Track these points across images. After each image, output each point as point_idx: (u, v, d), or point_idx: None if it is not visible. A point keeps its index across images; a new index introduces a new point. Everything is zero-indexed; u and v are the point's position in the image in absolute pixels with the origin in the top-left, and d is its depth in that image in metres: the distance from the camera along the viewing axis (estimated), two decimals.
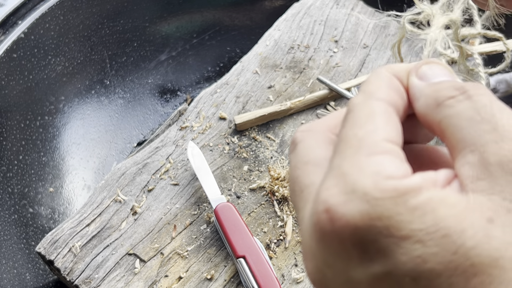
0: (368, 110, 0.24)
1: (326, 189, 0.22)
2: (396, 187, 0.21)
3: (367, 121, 0.24)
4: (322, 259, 0.23)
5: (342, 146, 0.23)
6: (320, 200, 0.22)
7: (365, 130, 0.23)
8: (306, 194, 0.25)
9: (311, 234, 0.23)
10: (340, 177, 0.22)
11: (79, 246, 0.59)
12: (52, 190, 0.74)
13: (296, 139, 0.27)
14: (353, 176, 0.22)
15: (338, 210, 0.21)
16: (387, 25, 0.82)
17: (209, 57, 0.93)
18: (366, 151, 0.23)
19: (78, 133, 0.80)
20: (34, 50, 0.75)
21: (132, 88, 0.87)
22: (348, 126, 0.24)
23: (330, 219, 0.21)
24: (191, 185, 0.65)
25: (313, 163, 0.25)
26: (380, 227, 0.21)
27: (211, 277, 0.58)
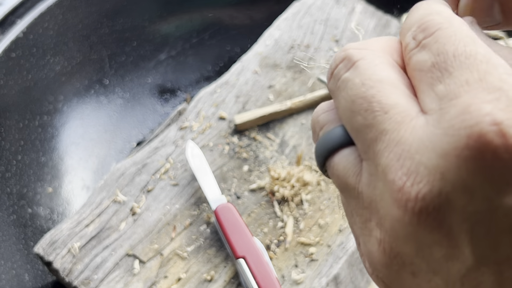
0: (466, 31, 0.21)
1: (488, 102, 0.19)
2: None
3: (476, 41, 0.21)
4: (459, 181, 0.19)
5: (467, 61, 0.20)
6: (482, 112, 0.18)
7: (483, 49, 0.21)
8: (396, 115, 0.21)
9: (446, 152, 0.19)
10: (498, 91, 0.19)
11: (78, 247, 0.59)
12: (51, 190, 0.73)
13: (353, 56, 0.24)
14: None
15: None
16: (388, 25, 0.82)
17: (209, 57, 0.92)
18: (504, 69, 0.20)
19: (77, 132, 0.80)
20: (33, 49, 0.74)
21: (132, 88, 0.87)
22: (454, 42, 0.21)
23: (501, 134, 0.18)
24: (191, 185, 0.64)
25: (389, 82, 0.22)
26: None
27: (211, 278, 0.58)
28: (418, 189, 0.19)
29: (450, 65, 0.20)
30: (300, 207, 0.63)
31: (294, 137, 0.69)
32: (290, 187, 0.63)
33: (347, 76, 0.24)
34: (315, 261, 0.59)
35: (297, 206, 0.63)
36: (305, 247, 0.60)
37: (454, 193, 0.19)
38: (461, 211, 0.19)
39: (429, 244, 0.20)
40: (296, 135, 0.69)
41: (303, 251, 0.60)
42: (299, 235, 0.61)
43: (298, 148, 0.68)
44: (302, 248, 0.60)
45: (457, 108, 0.19)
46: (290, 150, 0.68)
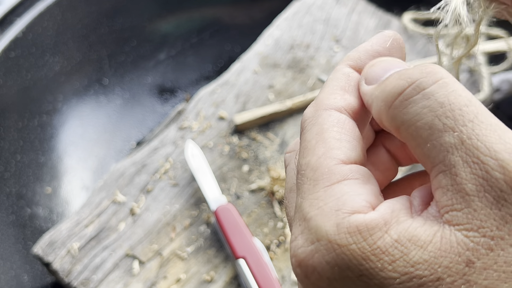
0: (317, 127, 0.22)
1: (295, 239, 0.21)
2: (359, 226, 0.19)
3: (318, 142, 0.21)
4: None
5: (300, 180, 0.22)
6: (292, 253, 0.21)
7: (317, 155, 0.21)
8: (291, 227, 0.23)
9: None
10: (303, 222, 0.21)
11: (77, 248, 0.58)
12: (50, 191, 0.73)
13: (285, 162, 0.26)
14: (314, 221, 0.20)
15: (309, 264, 0.20)
16: (389, 24, 0.82)
17: (208, 56, 0.92)
18: (323, 182, 0.21)
19: (76, 132, 0.79)
20: (32, 49, 0.74)
21: (131, 88, 0.86)
22: (301, 153, 0.22)
23: (304, 274, 0.20)
24: (191, 185, 0.64)
25: (293, 190, 0.24)
26: (352, 277, 0.19)
27: (211, 278, 0.57)
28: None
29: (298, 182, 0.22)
30: None
31: (294, 137, 0.69)
32: None
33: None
34: None
35: None
36: None
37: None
38: None
39: None
40: (296, 135, 0.69)
41: None
42: None
43: None
44: None
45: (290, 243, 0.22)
46: None
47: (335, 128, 0.22)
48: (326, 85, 0.24)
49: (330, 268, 0.19)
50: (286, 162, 0.26)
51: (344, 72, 0.24)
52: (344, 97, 0.23)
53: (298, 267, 0.20)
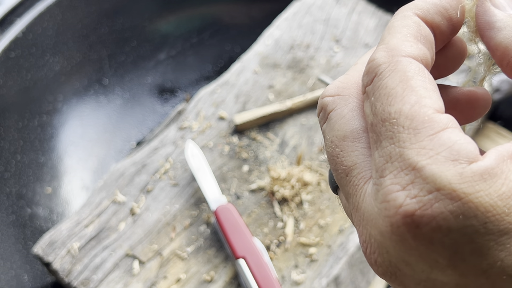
0: (400, 74, 0.21)
1: (401, 188, 0.19)
2: (483, 174, 0.19)
3: (405, 90, 0.21)
4: (399, 257, 0.20)
5: (390, 128, 0.20)
6: (395, 203, 0.19)
7: (409, 103, 0.20)
8: (354, 178, 0.22)
9: (382, 233, 0.20)
10: (412, 171, 0.19)
11: (77, 247, 0.58)
12: (50, 191, 0.73)
13: (327, 107, 0.24)
14: (430, 170, 0.19)
15: (425, 214, 0.19)
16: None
17: (208, 56, 0.92)
18: (426, 131, 0.20)
19: (76, 132, 0.80)
20: (32, 49, 0.74)
21: (131, 88, 0.86)
22: (384, 99, 0.21)
23: (414, 224, 0.19)
24: (191, 185, 0.64)
25: (352, 137, 0.22)
26: (477, 225, 0.18)
27: (211, 278, 0.57)
28: (375, 258, 0.22)
29: (380, 132, 0.21)
30: (300, 207, 0.62)
31: (294, 137, 0.69)
32: (290, 187, 0.63)
33: (323, 130, 0.24)
34: (315, 262, 0.59)
35: (297, 206, 0.63)
36: (305, 248, 0.60)
37: (399, 265, 0.21)
38: (411, 277, 0.21)
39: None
40: (296, 135, 0.69)
41: (303, 251, 0.59)
42: (299, 236, 0.60)
43: (298, 148, 0.68)
44: (302, 249, 0.60)
45: (382, 191, 0.20)
46: (290, 150, 0.68)
47: (419, 76, 0.21)
48: (395, 30, 0.23)
49: (454, 217, 0.19)
50: (329, 107, 0.24)
51: (414, 20, 0.23)
52: (418, 46, 0.22)
53: (407, 217, 0.19)
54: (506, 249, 0.19)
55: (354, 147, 0.23)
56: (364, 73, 0.23)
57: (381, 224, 0.20)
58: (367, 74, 0.22)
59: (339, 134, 0.23)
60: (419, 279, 0.20)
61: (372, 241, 0.21)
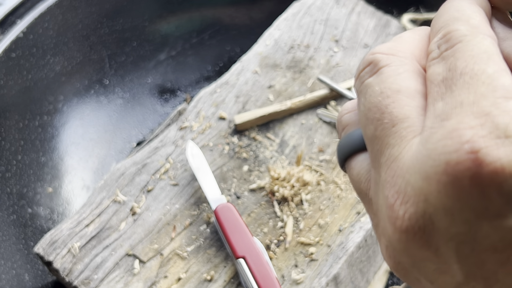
0: (485, 46, 0.21)
1: (470, 128, 0.19)
2: None
3: (490, 59, 0.21)
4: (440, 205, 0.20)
5: (470, 81, 0.20)
6: (461, 139, 0.19)
7: (492, 68, 0.21)
8: (402, 129, 0.22)
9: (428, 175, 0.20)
10: (485, 116, 0.19)
11: (78, 247, 0.59)
12: (51, 190, 0.73)
13: (379, 62, 0.24)
14: (503, 119, 0.19)
15: (491, 154, 0.18)
16: (388, 25, 0.82)
17: (208, 57, 0.92)
18: (503, 93, 0.20)
19: (77, 133, 0.80)
20: (33, 49, 0.75)
21: (132, 88, 0.87)
22: (468, 58, 0.21)
23: (478, 162, 0.19)
24: (191, 185, 0.64)
25: (407, 93, 0.22)
26: None
27: (211, 277, 0.58)
28: (405, 209, 0.20)
29: (455, 83, 0.21)
30: (300, 207, 0.63)
31: (294, 137, 0.69)
32: (290, 187, 0.63)
33: (370, 82, 0.24)
34: (315, 261, 0.59)
35: (297, 206, 0.63)
36: (305, 247, 0.60)
37: (437, 215, 0.20)
38: (445, 231, 0.20)
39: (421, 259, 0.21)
40: (296, 135, 0.69)
41: (303, 251, 0.60)
42: (299, 235, 0.61)
43: (298, 148, 0.68)
44: (302, 248, 0.60)
45: (443, 130, 0.20)
46: (290, 150, 0.68)
47: (499, 56, 0.22)
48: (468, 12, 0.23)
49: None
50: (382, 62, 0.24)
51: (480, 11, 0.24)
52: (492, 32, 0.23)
53: (472, 153, 0.19)
54: None
55: (408, 102, 0.22)
56: (440, 39, 0.23)
57: (431, 166, 0.20)
58: (446, 41, 0.22)
59: (393, 87, 0.23)
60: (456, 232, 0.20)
61: (409, 189, 0.20)
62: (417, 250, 0.21)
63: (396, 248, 0.22)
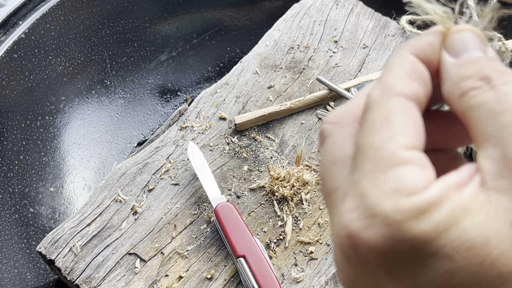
0: (385, 110, 0.23)
1: (347, 212, 0.22)
2: (417, 205, 0.21)
3: (384, 125, 0.23)
4: (352, 275, 0.23)
5: (360, 158, 0.23)
6: (342, 225, 0.22)
7: (381, 137, 0.22)
8: (333, 199, 0.24)
9: (338, 252, 0.23)
10: (359, 198, 0.22)
11: (79, 246, 0.59)
12: (52, 190, 0.74)
13: (324, 133, 0.26)
14: (372, 198, 0.21)
15: (361, 236, 0.21)
16: (387, 26, 0.83)
17: (209, 57, 0.93)
18: (384, 164, 0.22)
19: (78, 133, 0.80)
20: (34, 50, 0.75)
21: (133, 88, 0.87)
22: (365, 131, 0.23)
23: (353, 245, 0.21)
24: (191, 185, 0.65)
25: (340, 162, 0.24)
26: (404, 249, 0.20)
27: (211, 276, 0.58)
28: (338, 274, 0.24)
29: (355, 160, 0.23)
30: (299, 207, 0.63)
31: (293, 137, 0.70)
32: (289, 186, 0.64)
33: (320, 153, 0.27)
34: (315, 260, 0.59)
35: (296, 205, 0.63)
36: (304, 246, 0.60)
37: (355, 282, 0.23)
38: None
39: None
40: (295, 135, 0.70)
41: (302, 250, 0.60)
42: (298, 234, 0.61)
43: (297, 148, 0.69)
44: (301, 247, 0.60)
45: (338, 212, 0.23)
46: (289, 150, 0.69)
47: (403, 115, 0.23)
48: (391, 69, 0.25)
49: (383, 241, 0.21)
50: (326, 133, 0.26)
51: (410, 59, 0.25)
52: (411, 85, 0.24)
53: (348, 238, 0.22)
54: (433, 270, 0.20)
55: (340, 171, 0.24)
56: (364, 105, 0.25)
57: (336, 244, 0.23)
58: (364, 108, 0.24)
59: (329, 159, 0.25)
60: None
61: (336, 259, 0.24)
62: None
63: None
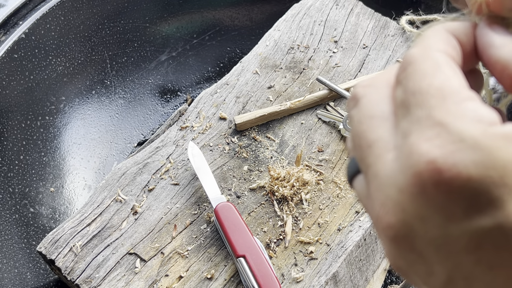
0: (433, 60, 0.23)
1: (427, 140, 0.21)
2: (506, 133, 0.20)
3: (436, 70, 0.23)
4: (415, 213, 0.21)
5: (420, 98, 0.22)
6: (420, 152, 0.21)
7: (439, 79, 0.22)
8: (376, 149, 0.24)
9: (402, 189, 0.22)
10: (438, 126, 0.21)
11: (79, 246, 0.59)
12: (53, 190, 0.74)
13: (358, 94, 0.26)
14: (455, 124, 0.21)
15: (448, 161, 0.20)
16: (387, 26, 0.83)
17: (209, 58, 0.93)
18: (453, 99, 0.21)
19: (78, 133, 0.80)
20: (35, 50, 0.75)
21: (133, 88, 0.87)
22: (416, 78, 0.23)
23: (437, 171, 0.20)
24: (191, 185, 0.65)
25: (380, 117, 0.25)
26: (495, 176, 0.20)
27: (211, 276, 0.58)
28: (388, 219, 0.23)
29: (410, 103, 0.23)
30: (299, 207, 0.63)
31: (293, 137, 0.70)
32: (289, 186, 0.64)
33: (352, 114, 0.27)
34: (315, 260, 0.59)
35: (296, 205, 0.63)
36: (304, 246, 0.60)
37: (414, 223, 0.22)
38: (423, 237, 0.22)
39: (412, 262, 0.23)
40: (295, 135, 0.70)
41: (302, 250, 0.60)
42: (298, 234, 0.61)
43: (297, 148, 0.69)
44: (301, 247, 0.60)
45: (406, 147, 0.22)
46: (289, 150, 0.69)
47: (448, 64, 0.23)
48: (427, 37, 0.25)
49: (474, 166, 0.20)
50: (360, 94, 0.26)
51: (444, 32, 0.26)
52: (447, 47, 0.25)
53: (430, 163, 0.20)
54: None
55: (381, 124, 0.24)
56: (399, 67, 0.25)
57: (402, 180, 0.22)
58: (401, 66, 0.25)
59: (367, 114, 0.25)
60: (432, 236, 0.21)
61: (388, 202, 0.22)
62: (407, 255, 0.23)
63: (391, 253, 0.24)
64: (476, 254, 0.21)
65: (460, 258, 0.21)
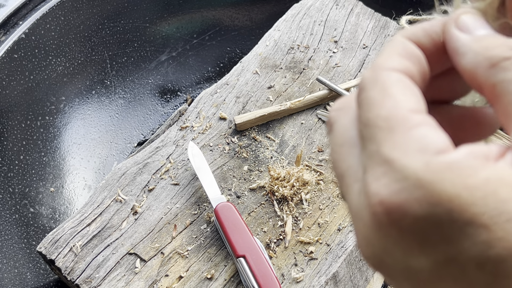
0: (381, 84, 0.23)
1: (375, 180, 0.21)
2: (450, 164, 0.20)
3: (384, 97, 0.22)
4: (380, 247, 0.22)
5: (370, 131, 0.22)
6: (371, 193, 0.21)
7: (386, 108, 0.22)
8: (347, 179, 0.24)
9: (366, 224, 0.22)
10: (385, 164, 0.21)
11: (79, 246, 0.59)
12: (53, 190, 0.74)
13: (331, 119, 0.26)
14: (400, 161, 0.20)
15: (393, 201, 0.20)
16: (387, 26, 0.83)
17: (209, 58, 0.93)
18: (400, 128, 0.21)
19: (78, 133, 0.80)
20: (35, 50, 0.75)
21: (133, 88, 0.87)
22: (365, 109, 0.23)
23: (386, 212, 0.20)
24: (191, 185, 0.65)
25: (348, 144, 0.24)
26: (441, 213, 0.19)
27: (211, 276, 0.58)
28: (363, 251, 0.23)
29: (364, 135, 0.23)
30: (299, 207, 0.63)
31: (293, 137, 0.70)
32: (289, 186, 0.64)
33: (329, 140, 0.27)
34: (315, 260, 0.59)
35: (296, 205, 0.63)
36: (304, 246, 0.60)
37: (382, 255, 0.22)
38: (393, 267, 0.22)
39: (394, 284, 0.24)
40: (295, 135, 0.70)
41: (302, 250, 0.60)
42: (298, 234, 0.61)
43: (297, 148, 0.69)
44: (301, 247, 0.60)
45: (364, 183, 0.22)
46: (289, 150, 0.69)
47: (398, 84, 0.23)
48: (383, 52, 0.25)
49: (419, 204, 0.20)
50: (332, 120, 0.26)
51: (400, 40, 0.25)
52: (401, 62, 0.24)
53: (380, 205, 0.20)
54: (470, 239, 0.19)
55: (350, 152, 0.24)
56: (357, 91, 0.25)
57: (364, 216, 0.22)
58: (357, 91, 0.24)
59: (338, 142, 0.25)
60: (399, 268, 0.22)
61: (360, 235, 0.23)
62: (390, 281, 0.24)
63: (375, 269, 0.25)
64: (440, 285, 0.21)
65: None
